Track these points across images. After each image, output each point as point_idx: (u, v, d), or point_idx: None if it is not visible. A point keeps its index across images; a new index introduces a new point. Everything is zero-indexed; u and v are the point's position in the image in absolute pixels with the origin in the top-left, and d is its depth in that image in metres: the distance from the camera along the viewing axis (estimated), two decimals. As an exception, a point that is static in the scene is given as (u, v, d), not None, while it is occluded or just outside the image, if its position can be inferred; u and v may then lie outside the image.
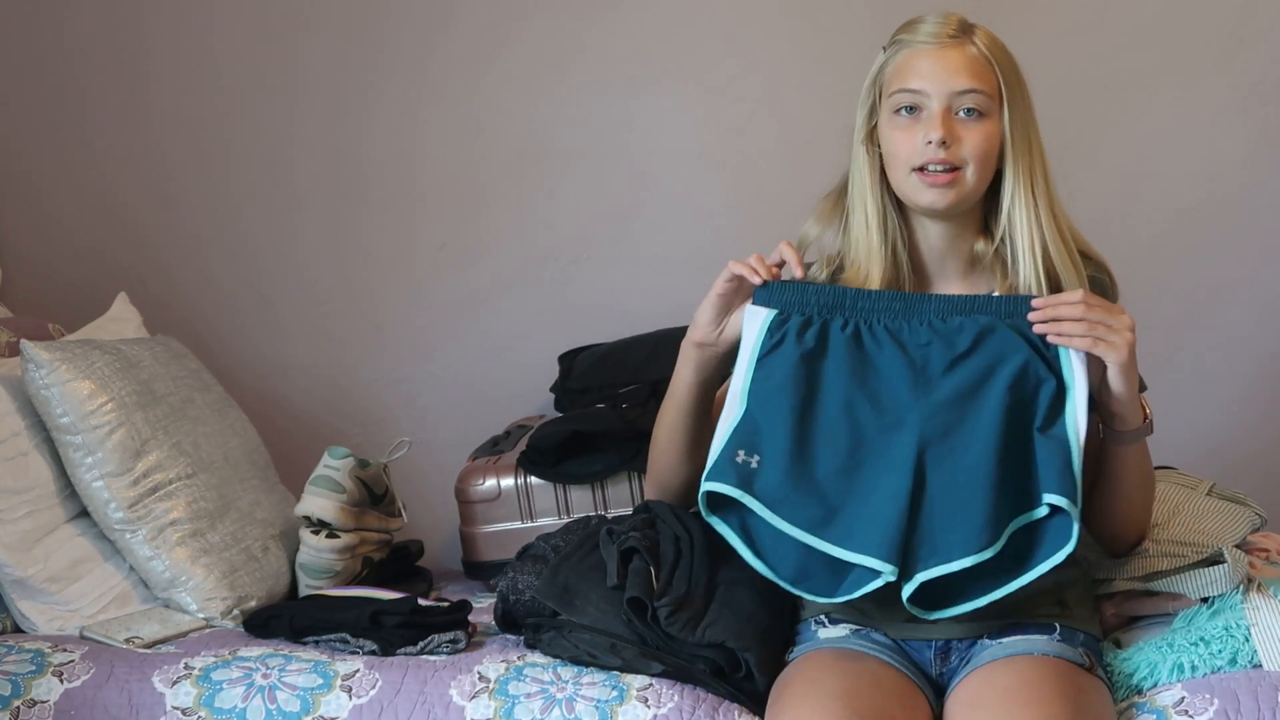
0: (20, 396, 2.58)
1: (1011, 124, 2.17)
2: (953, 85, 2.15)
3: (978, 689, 2.09)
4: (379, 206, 3.29)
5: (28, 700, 2.27)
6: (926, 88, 2.16)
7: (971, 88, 2.15)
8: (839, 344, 2.14)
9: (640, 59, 3.25)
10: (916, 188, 2.17)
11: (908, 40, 2.19)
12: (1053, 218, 2.19)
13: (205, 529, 2.61)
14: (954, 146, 2.15)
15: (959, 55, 2.17)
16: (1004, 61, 2.18)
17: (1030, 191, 2.18)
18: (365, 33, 3.26)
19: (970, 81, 2.16)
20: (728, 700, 2.20)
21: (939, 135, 2.14)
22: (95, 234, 3.30)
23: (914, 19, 2.21)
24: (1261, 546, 2.46)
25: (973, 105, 2.15)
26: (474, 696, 2.23)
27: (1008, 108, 2.17)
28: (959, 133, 2.15)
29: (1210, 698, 2.12)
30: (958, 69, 2.16)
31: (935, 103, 2.15)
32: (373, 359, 3.31)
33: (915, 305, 2.14)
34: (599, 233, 3.28)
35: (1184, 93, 3.23)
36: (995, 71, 2.17)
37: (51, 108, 3.28)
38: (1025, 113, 2.19)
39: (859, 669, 2.14)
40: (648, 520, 2.39)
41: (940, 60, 2.16)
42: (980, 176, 2.17)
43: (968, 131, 2.15)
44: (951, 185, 2.16)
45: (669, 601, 2.22)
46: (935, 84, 2.16)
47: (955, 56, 2.17)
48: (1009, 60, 2.19)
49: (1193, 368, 3.25)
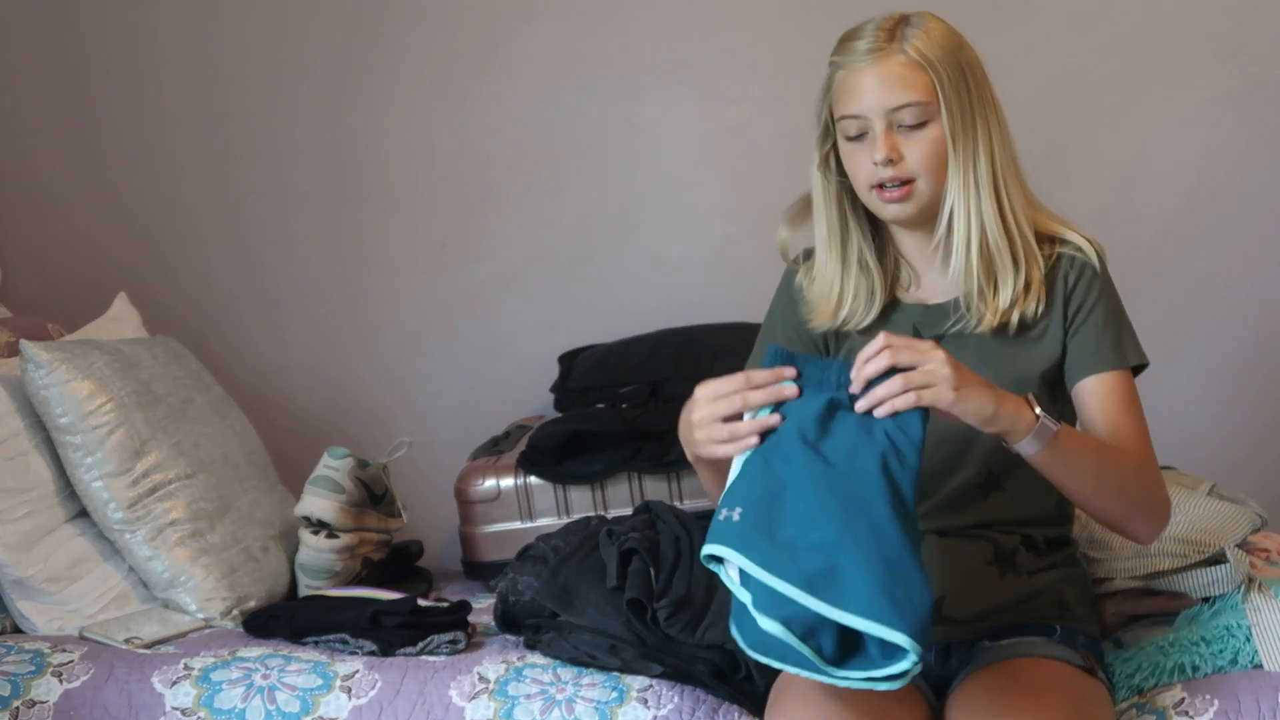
0: (20, 396, 2.58)
1: (951, 121, 2.13)
2: (887, 102, 2.12)
3: (976, 691, 2.09)
4: (380, 206, 3.29)
5: (27, 700, 2.27)
6: (864, 110, 2.13)
7: (904, 101, 2.12)
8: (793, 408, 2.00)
9: (641, 59, 3.25)
10: (879, 205, 2.17)
11: (842, 61, 2.16)
12: (997, 207, 2.15)
13: (205, 529, 2.61)
14: (901, 162, 2.13)
15: (890, 69, 2.12)
16: (940, 57, 2.12)
17: (972, 183, 2.14)
18: (368, 33, 3.26)
19: (903, 95, 2.12)
20: (727, 701, 2.20)
21: (882, 155, 2.13)
22: (95, 234, 3.30)
23: (849, 32, 2.17)
24: (1262, 546, 2.46)
25: (910, 117, 2.12)
26: (474, 697, 2.23)
27: (944, 106, 2.12)
28: (903, 147, 2.13)
29: (1210, 698, 2.12)
30: (890, 84, 2.12)
31: (876, 123, 2.13)
32: (373, 359, 3.31)
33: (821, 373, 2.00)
34: (599, 233, 3.28)
35: (1182, 92, 3.23)
36: (930, 73, 2.12)
37: (52, 108, 3.29)
38: (967, 104, 2.14)
39: None
40: (648, 521, 2.39)
41: (873, 78, 2.13)
42: (935, 182, 2.15)
43: (911, 143, 2.13)
44: (908, 198, 2.15)
45: (669, 603, 2.22)
46: (871, 104, 2.13)
47: (886, 71, 2.12)
48: (946, 54, 2.13)
49: (1192, 368, 3.25)
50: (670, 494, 2.80)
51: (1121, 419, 2.16)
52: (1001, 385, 2.04)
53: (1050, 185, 3.09)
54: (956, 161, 2.13)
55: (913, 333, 2.19)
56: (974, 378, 1.98)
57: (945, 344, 2.14)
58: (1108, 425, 2.16)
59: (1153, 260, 3.22)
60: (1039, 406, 2.01)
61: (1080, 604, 2.22)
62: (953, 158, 2.13)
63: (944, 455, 2.18)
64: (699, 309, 3.19)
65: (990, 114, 2.15)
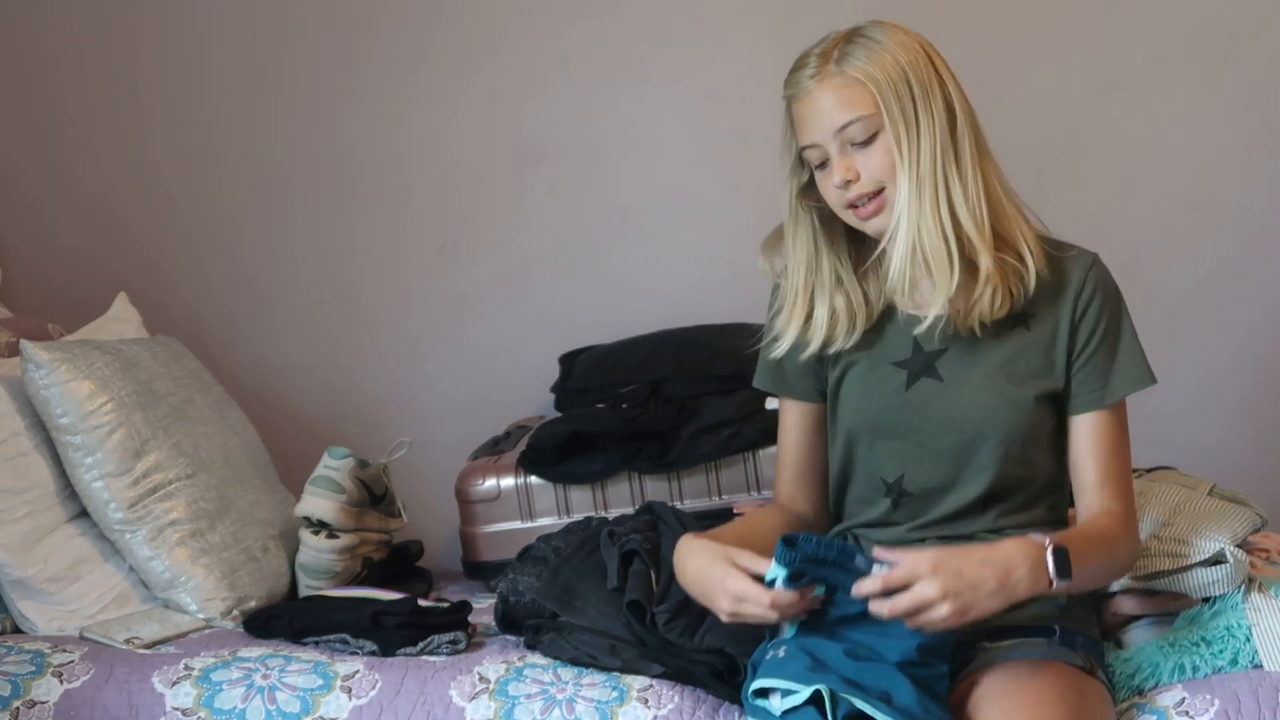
0: (20, 397, 2.58)
1: (894, 128, 2.11)
2: (832, 124, 2.12)
3: (976, 693, 2.09)
4: (378, 207, 3.29)
5: (27, 701, 2.27)
6: (816, 138, 2.14)
7: (847, 120, 2.12)
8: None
9: (640, 59, 3.25)
10: (859, 224, 2.17)
11: (791, 93, 2.17)
12: (935, 205, 2.12)
13: (205, 529, 2.61)
14: (860, 179, 2.13)
15: (828, 93, 2.12)
16: (877, 69, 2.11)
17: (916, 186, 2.12)
18: (364, 33, 3.25)
19: (845, 113, 2.11)
20: (728, 702, 2.20)
21: (840, 179, 2.13)
22: (95, 235, 3.29)
23: (796, 62, 2.17)
24: (1262, 547, 2.46)
25: (859, 133, 2.12)
26: (474, 697, 2.23)
27: (885, 115, 2.10)
28: (860, 164, 2.13)
29: (1211, 698, 2.12)
30: (830, 108, 2.12)
31: (830, 146, 2.14)
32: (373, 359, 3.31)
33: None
34: (599, 233, 3.28)
35: (1183, 93, 3.23)
36: (869, 88, 2.10)
37: (51, 109, 3.28)
38: (911, 110, 2.11)
39: None
40: (649, 522, 2.39)
41: (815, 105, 2.13)
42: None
43: (866, 159, 2.12)
44: (882, 208, 2.15)
45: (668, 608, 2.22)
46: (821, 130, 2.13)
47: (825, 96, 2.13)
48: (884, 65, 2.11)
49: (1193, 368, 3.25)
50: (670, 494, 2.80)
51: (1110, 462, 2.19)
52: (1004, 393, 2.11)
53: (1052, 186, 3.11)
54: (903, 167, 2.11)
55: (913, 346, 2.20)
56: (977, 580, 1.96)
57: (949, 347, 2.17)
58: (1097, 468, 2.19)
59: (1153, 260, 3.22)
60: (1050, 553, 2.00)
61: (1079, 605, 2.22)
62: (899, 163, 2.11)
63: (943, 474, 2.19)
64: (699, 309, 3.18)
65: (935, 115, 2.11)
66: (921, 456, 2.19)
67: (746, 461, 2.79)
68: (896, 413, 2.20)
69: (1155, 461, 2.68)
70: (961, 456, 2.17)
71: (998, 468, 2.17)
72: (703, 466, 2.80)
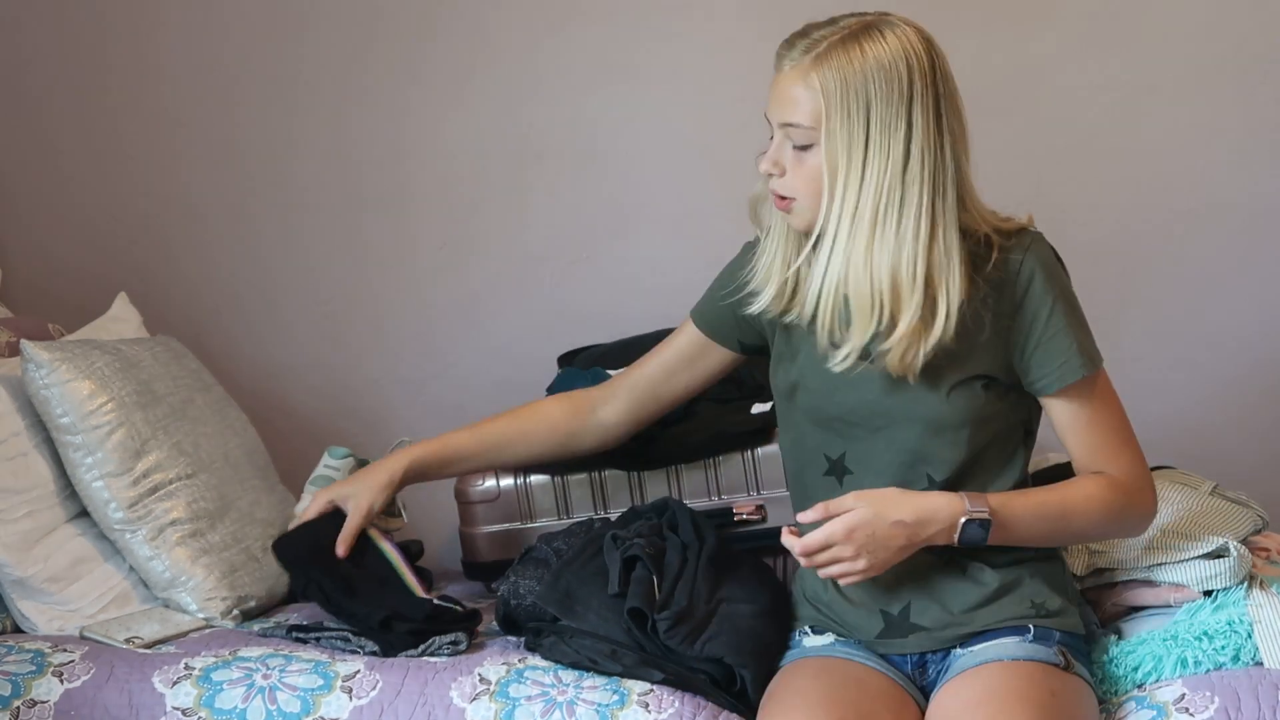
0: (20, 396, 2.58)
1: (830, 154, 2.04)
2: (778, 116, 2.10)
3: (948, 702, 2.09)
4: (379, 207, 3.29)
5: (28, 700, 2.27)
6: (769, 114, 2.11)
7: (789, 121, 2.08)
8: None
9: (640, 59, 3.25)
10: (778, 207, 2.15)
11: (776, 60, 2.13)
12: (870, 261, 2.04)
13: (205, 529, 2.61)
14: (782, 177, 2.10)
15: (791, 84, 2.07)
16: (839, 89, 2.03)
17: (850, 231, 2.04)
18: (366, 35, 3.25)
19: (789, 114, 2.07)
20: (727, 710, 2.20)
21: (765, 165, 2.12)
22: (95, 235, 3.29)
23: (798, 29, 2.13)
24: (1262, 546, 2.47)
25: (798, 138, 2.08)
26: (475, 698, 2.23)
27: (825, 138, 2.04)
28: (790, 164, 2.10)
29: (1211, 695, 2.13)
30: (782, 99, 2.08)
31: (775, 131, 2.11)
32: (372, 359, 3.31)
33: None
34: (599, 233, 3.28)
35: (1183, 94, 3.23)
36: (820, 103, 2.04)
37: (51, 108, 3.28)
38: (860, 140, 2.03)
39: (844, 675, 2.15)
40: (654, 527, 2.39)
41: (777, 86, 2.10)
42: (814, 206, 2.09)
43: (797, 164, 2.09)
44: (790, 212, 2.12)
45: (669, 615, 2.22)
46: (772, 112, 2.11)
47: (785, 85, 2.08)
48: (849, 86, 2.03)
49: (1194, 368, 3.25)
50: (670, 494, 2.80)
51: (1090, 433, 2.16)
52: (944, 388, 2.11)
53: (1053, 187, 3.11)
54: (829, 195, 2.06)
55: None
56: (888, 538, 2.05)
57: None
58: (1080, 447, 2.17)
59: (1155, 260, 3.22)
60: (962, 522, 2.07)
61: (1054, 599, 2.20)
62: (826, 189, 2.06)
63: (898, 467, 2.17)
64: (699, 309, 3.18)
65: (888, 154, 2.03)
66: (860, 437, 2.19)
67: (746, 461, 2.79)
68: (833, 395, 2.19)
69: (1155, 461, 2.68)
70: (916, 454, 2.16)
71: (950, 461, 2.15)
72: (702, 466, 2.79)
